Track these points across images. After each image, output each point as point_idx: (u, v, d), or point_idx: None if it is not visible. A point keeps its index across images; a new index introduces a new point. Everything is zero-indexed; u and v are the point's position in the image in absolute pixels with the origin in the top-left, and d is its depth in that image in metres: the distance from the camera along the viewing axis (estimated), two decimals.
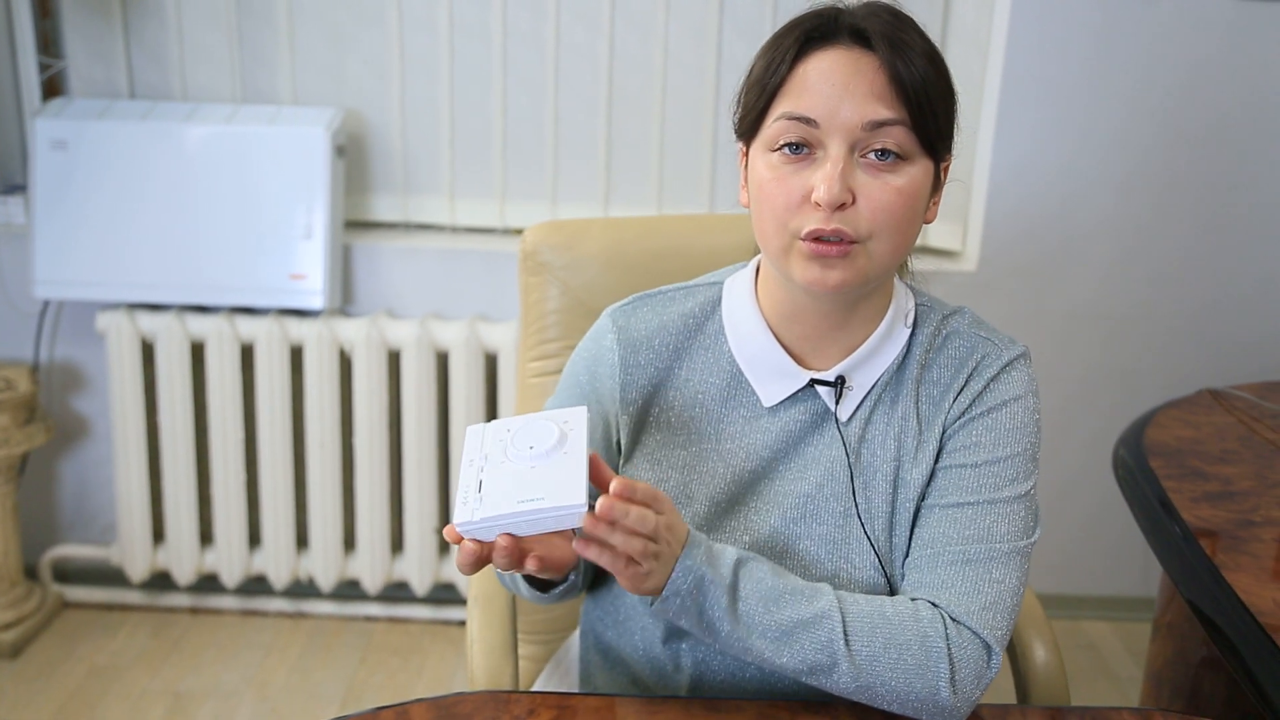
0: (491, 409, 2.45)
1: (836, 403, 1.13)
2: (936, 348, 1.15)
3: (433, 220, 2.51)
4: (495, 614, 1.37)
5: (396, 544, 2.54)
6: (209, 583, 2.59)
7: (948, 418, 1.13)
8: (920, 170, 1.05)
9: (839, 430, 1.13)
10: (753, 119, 1.08)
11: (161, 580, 2.59)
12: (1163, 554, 1.48)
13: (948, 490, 1.11)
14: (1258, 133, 2.39)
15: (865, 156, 1.04)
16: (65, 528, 2.62)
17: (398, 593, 2.60)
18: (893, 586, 1.12)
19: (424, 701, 1.05)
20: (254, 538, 2.55)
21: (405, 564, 2.52)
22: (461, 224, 2.51)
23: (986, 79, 2.39)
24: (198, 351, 2.44)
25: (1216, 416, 1.78)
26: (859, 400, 1.14)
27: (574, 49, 2.41)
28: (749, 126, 1.09)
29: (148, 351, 2.44)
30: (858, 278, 1.06)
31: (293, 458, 2.47)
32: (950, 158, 1.11)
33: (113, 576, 2.60)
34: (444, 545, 2.53)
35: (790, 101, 1.05)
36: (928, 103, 1.04)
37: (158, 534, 2.55)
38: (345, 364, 2.44)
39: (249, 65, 2.43)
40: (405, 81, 2.43)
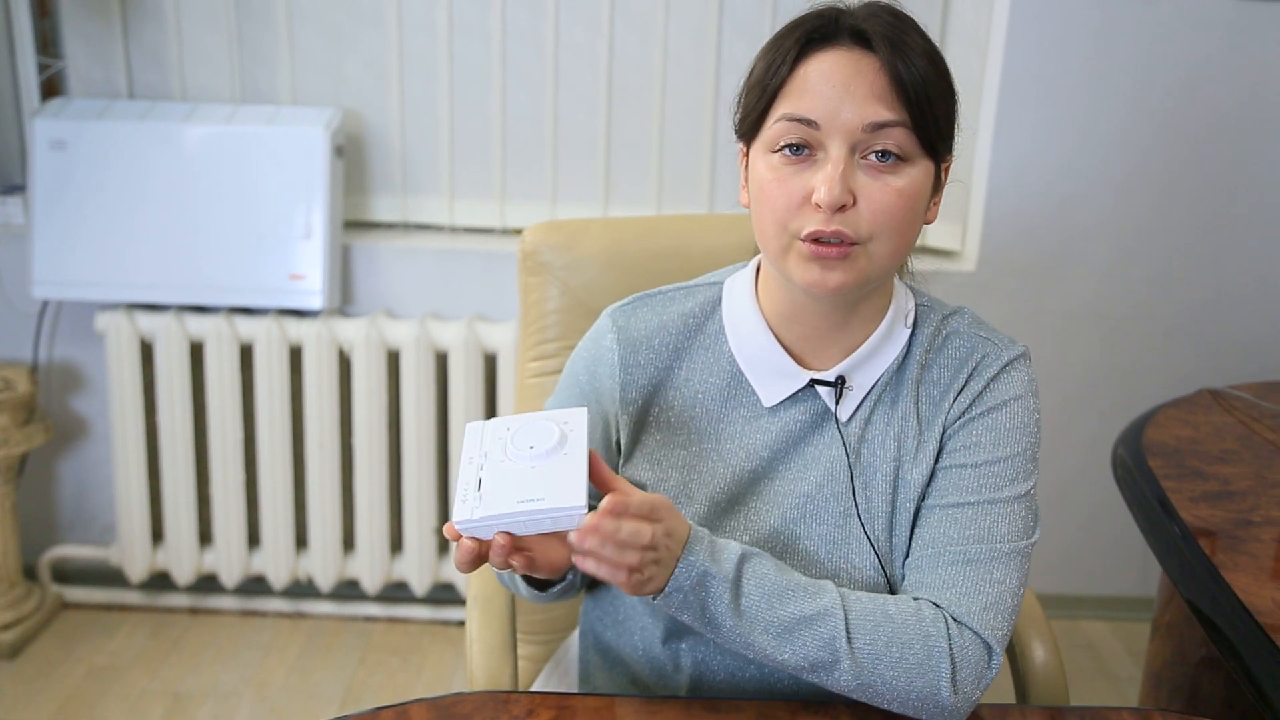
0: (491, 409, 2.45)
1: (836, 403, 1.13)
2: (936, 348, 1.15)
3: (432, 220, 2.51)
4: (494, 614, 1.37)
5: (396, 544, 2.54)
6: (208, 583, 2.59)
7: (948, 418, 1.13)
8: (921, 171, 1.05)
9: (839, 430, 1.13)
10: (753, 120, 1.08)
11: (161, 580, 2.59)
12: (1162, 554, 1.48)
13: (948, 490, 1.11)
14: (1257, 133, 2.39)
15: (866, 158, 1.04)
16: (64, 528, 2.62)
17: (397, 593, 2.60)
18: (893, 586, 1.12)
19: (423, 702, 1.05)
20: (253, 538, 2.55)
21: (404, 564, 2.52)
22: (461, 224, 2.51)
23: (986, 79, 2.39)
24: (197, 352, 2.44)
25: (1215, 416, 1.78)
26: (859, 400, 1.14)
27: (573, 49, 2.41)
28: (750, 127, 1.09)
29: (147, 352, 2.44)
30: (857, 279, 1.06)
31: (292, 458, 2.47)
32: (951, 158, 1.11)
33: (112, 577, 2.60)
34: (443, 545, 2.53)
35: (791, 103, 1.05)
36: (928, 104, 1.04)
37: (157, 534, 2.55)
38: (344, 364, 2.44)
39: (248, 65, 2.43)
40: (404, 81, 2.43)
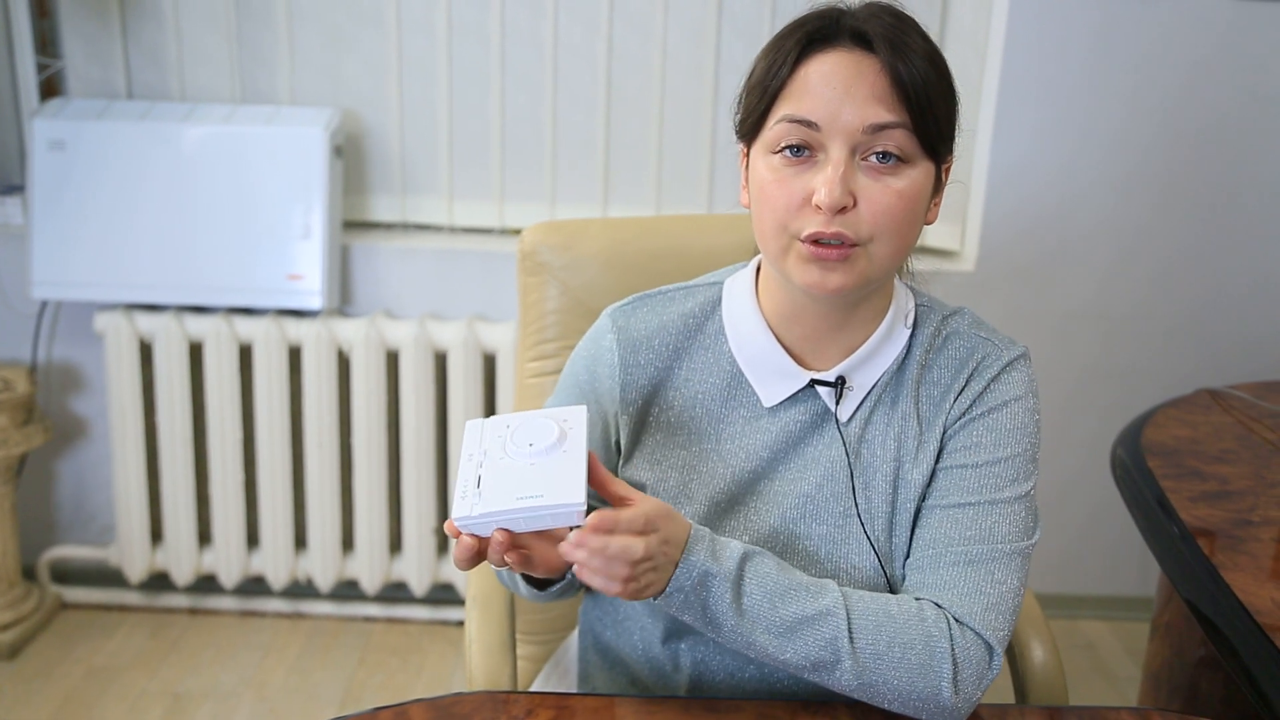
0: (490, 409, 2.45)
1: (837, 403, 1.13)
2: (937, 348, 1.15)
3: (431, 220, 2.51)
4: (494, 614, 1.37)
5: (395, 544, 2.54)
6: (207, 583, 2.59)
7: (948, 418, 1.13)
8: (921, 172, 1.05)
9: (839, 430, 1.13)
10: (754, 121, 1.08)
11: (160, 581, 2.59)
12: (1161, 554, 1.48)
13: (949, 491, 1.11)
14: (1257, 133, 2.39)
15: (866, 159, 1.04)
16: (63, 528, 2.62)
17: (396, 593, 2.60)
18: (893, 586, 1.12)
19: (422, 702, 1.05)
20: (252, 538, 2.55)
21: (404, 564, 2.52)
22: (460, 224, 2.51)
23: (985, 79, 2.39)
24: (196, 352, 2.43)
25: (1214, 416, 1.78)
26: (859, 400, 1.14)
27: (572, 49, 2.41)
28: (750, 128, 1.09)
29: (146, 352, 2.44)
30: (857, 281, 1.05)
31: (291, 458, 2.47)
32: (951, 159, 1.11)
33: (111, 577, 2.60)
34: (442, 545, 2.53)
35: (791, 104, 1.04)
36: (929, 105, 1.03)
37: (156, 534, 2.55)
38: (344, 364, 2.44)
39: (247, 65, 2.43)
40: (403, 82, 2.43)
